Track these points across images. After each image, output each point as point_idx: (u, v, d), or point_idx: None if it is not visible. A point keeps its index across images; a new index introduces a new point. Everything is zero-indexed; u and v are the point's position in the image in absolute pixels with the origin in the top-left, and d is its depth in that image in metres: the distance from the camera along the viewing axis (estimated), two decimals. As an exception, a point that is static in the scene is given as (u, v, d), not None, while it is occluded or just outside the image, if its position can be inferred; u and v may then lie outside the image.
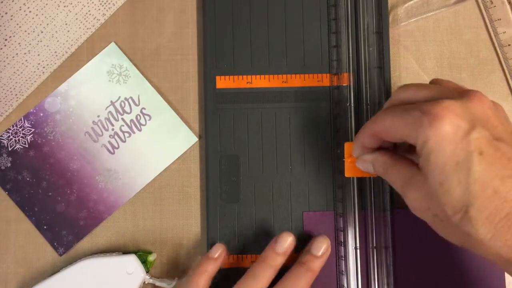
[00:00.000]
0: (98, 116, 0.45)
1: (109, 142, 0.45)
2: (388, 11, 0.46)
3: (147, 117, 0.45)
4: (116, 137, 0.45)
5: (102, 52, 0.45)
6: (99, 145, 0.45)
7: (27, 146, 0.45)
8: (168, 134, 0.45)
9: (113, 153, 0.45)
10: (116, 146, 0.45)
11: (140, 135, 0.45)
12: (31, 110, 0.45)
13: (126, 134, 0.45)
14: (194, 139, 0.46)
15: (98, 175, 0.45)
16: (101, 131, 0.45)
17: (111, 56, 0.45)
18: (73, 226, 0.45)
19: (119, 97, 0.45)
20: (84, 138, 0.45)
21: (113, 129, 0.45)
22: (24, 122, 0.45)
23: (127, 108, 0.45)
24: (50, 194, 0.45)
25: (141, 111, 0.45)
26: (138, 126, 0.45)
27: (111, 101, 0.45)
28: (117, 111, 0.45)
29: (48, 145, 0.45)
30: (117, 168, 0.45)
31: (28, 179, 0.45)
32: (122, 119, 0.45)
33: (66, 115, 0.45)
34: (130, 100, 0.45)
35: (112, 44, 0.46)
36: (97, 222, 0.45)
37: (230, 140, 0.45)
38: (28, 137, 0.45)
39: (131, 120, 0.45)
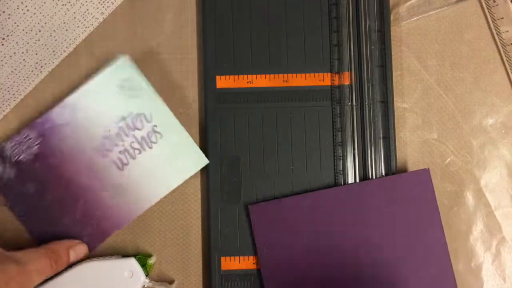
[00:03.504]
0: (109, 131, 0.43)
1: (119, 158, 0.43)
2: (389, 9, 0.45)
3: (158, 135, 0.43)
4: (126, 153, 0.43)
5: (114, 65, 0.43)
6: (108, 161, 0.43)
7: (32, 157, 0.43)
8: (179, 154, 0.44)
9: (122, 170, 0.43)
10: (126, 162, 0.43)
11: (151, 153, 0.44)
12: (38, 120, 0.43)
13: (137, 151, 0.43)
14: (205, 161, 0.44)
15: (105, 191, 0.43)
16: (111, 146, 0.43)
17: (123, 70, 0.43)
18: None
19: (131, 112, 0.43)
20: (93, 152, 0.43)
21: (123, 145, 0.43)
22: (30, 132, 0.43)
23: (138, 124, 0.43)
24: (54, 208, 0.43)
25: (152, 128, 0.43)
26: (149, 143, 0.44)
27: (123, 116, 0.43)
28: (128, 126, 0.43)
29: (55, 158, 0.43)
30: (125, 185, 0.43)
31: (31, 191, 0.43)
32: (133, 135, 0.43)
33: (75, 128, 0.43)
34: (142, 117, 0.43)
35: (125, 57, 0.43)
36: (102, 239, 0.44)
37: (230, 140, 0.44)
38: (34, 148, 0.43)
39: (142, 137, 0.43)
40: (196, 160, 0.44)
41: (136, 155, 0.43)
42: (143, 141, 0.43)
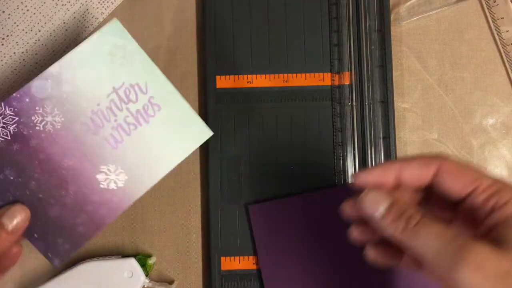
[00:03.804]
0: (98, 105, 0.39)
1: (112, 135, 0.39)
2: (389, 9, 0.45)
3: (156, 108, 0.39)
4: (119, 129, 0.39)
5: (103, 29, 0.38)
6: (99, 138, 0.39)
7: (9, 138, 0.37)
8: (180, 128, 0.40)
9: (116, 148, 0.39)
10: (120, 139, 0.39)
11: (148, 127, 0.39)
12: (14, 95, 0.37)
13: (132, 126, 0.39)
14: (209, 132, 0.40)
15: (98, 173, 0.39)
16: (102, 122, 0.39)
17: (114, 35, 0.39)
18: (70, 233, 0.38)
19: (123, 83, 0.39)
20: (82, 129, 0.38)
21: (116, 120, 0.39)
22: (5, 109, 0.37)
23: (132, 97, 0.39)
24: (40, 196, 0.38)
25: (149, 101, 0.39)
26: (146, 117, 0.39)
27: (114, 88, 0.39)
28: (121, 99, 0.39)
29: (37, 138, 0.38)
30: (121, 165, 0.39)
31: (11, 178, 0.38)
32: (127, 108, 0.39)
33: (59, 102, 0.38)
34: (136, 88, 0.39)
35: (115, 21, 0.39)
36: (99, 227, 0.39)
37: (230, 140, 0.44)
38: (11, 127, 0.37)
39: (137, 110, 0.39)
40: (199, 132, 0.40)
41: (131, 131, 0.39)
42: (138, 115, 0.39)
